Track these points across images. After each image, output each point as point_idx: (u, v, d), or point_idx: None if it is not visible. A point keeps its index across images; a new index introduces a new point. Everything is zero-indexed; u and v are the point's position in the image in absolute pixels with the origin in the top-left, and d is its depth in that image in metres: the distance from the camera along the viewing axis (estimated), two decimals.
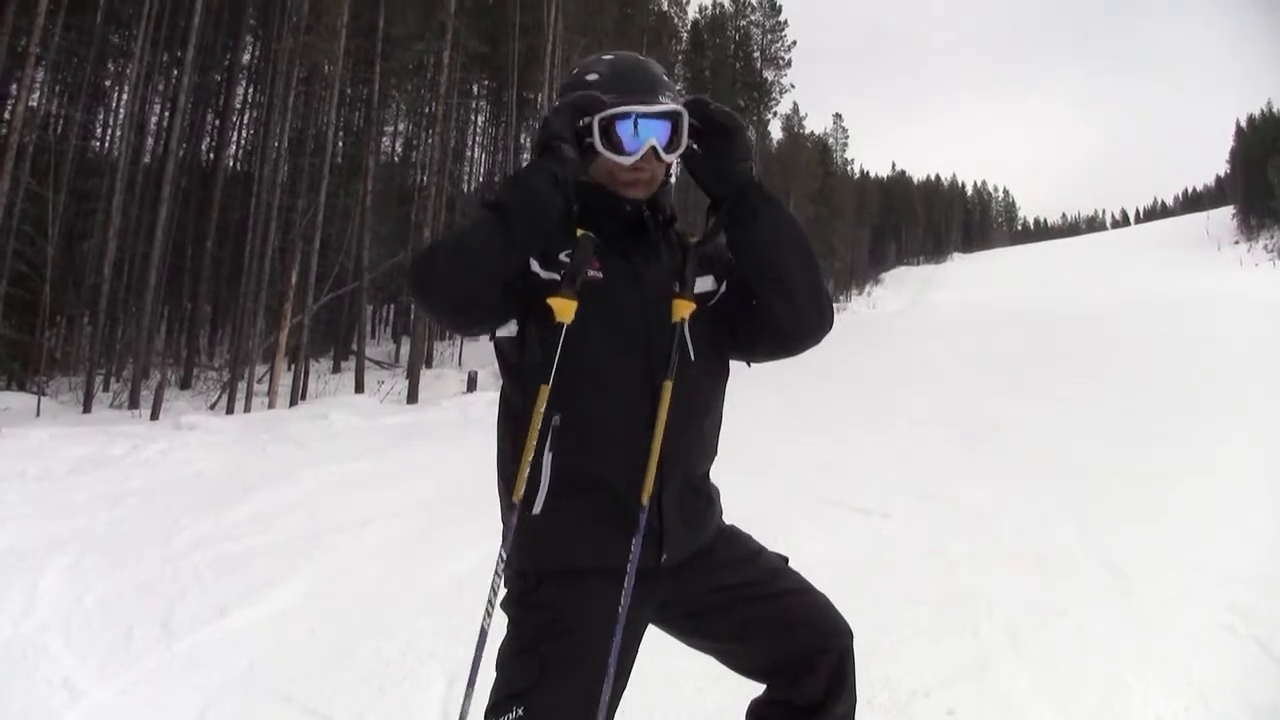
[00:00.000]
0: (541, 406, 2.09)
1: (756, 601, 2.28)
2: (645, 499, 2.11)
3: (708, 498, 2.37)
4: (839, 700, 2.28)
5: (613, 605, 2.12)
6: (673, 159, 2.22)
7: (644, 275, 2.22)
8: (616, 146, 2.17)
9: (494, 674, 2.14)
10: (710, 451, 2.38)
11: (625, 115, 2.17)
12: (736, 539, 2.44)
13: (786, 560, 2.42)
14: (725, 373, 2.39)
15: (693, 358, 2.23)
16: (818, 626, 2.30)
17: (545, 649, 2.07)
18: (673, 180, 2.39)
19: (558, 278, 2.10)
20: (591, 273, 2.14)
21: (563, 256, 2.14)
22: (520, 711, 1.99)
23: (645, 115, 2.17)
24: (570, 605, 2.12)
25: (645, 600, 2.21)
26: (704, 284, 2.32)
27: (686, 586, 2.25)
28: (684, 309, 2.16)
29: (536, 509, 2.15)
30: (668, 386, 2.13)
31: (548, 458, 2.13)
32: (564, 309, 2.02)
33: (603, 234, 2.21)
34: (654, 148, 2.16)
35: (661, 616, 2.31)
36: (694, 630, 2.35)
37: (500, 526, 2.26)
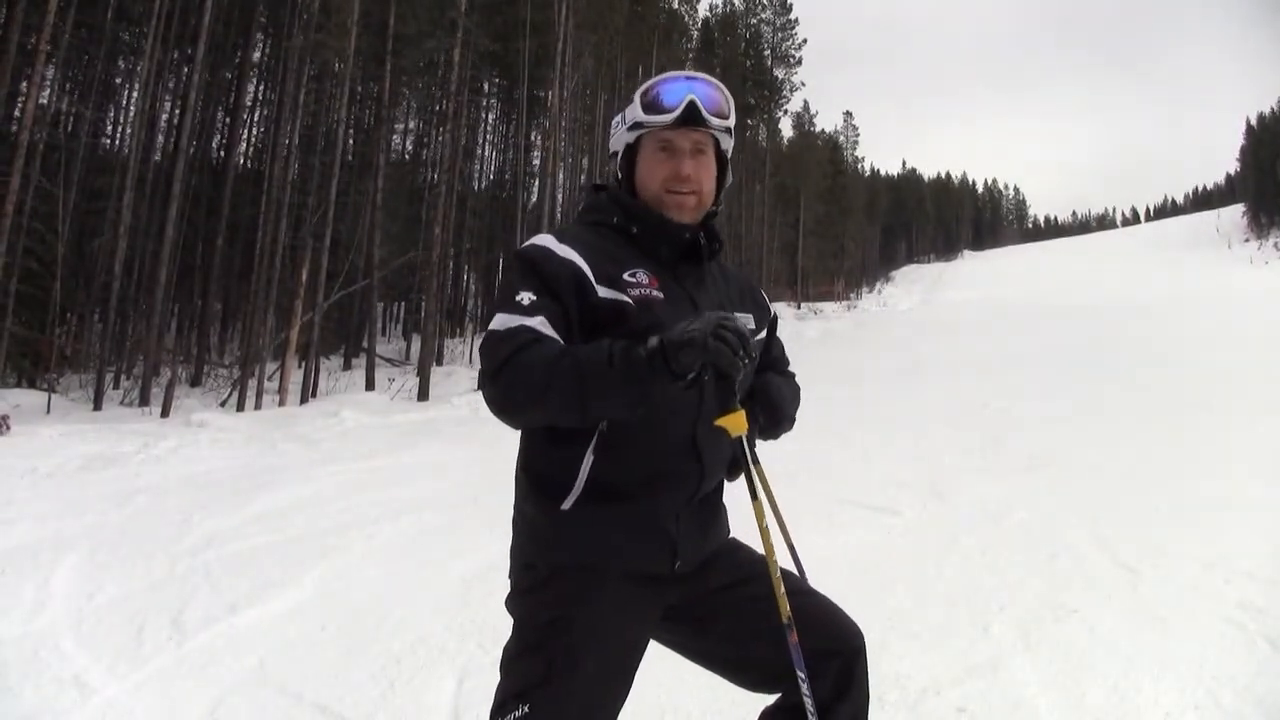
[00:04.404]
0: None
1: (763, 603, 2.26)
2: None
3: (716, 510, 2.42)
4: (847, 701, 2.27)
5: (623, 607, 2.15)
6: (716, 125, 2.27)
7: (699, 301, 2.26)
8: (658, 109, 2.24)
9: (497, 676, 2.15)
10: (726, 467, 2.41)
11: (662, 82, 2.27)
12: (741, 546, 2.46)
13: (789, 570, 2.43)
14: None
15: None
16: (825, 629, 2.29)
17: (552, 648, 2.07)
18: (719, 209, 2.43)
19: (623, 298, 2.13)
20: (654, 292, 2.17)
21: (626, 276, 2.16)
22: (525, 709, 1.99)
23: (678, 78, 2.28)
24: (579, 604, 2.12)
25: (653, 605, 2.23)
26: (744, 321, 2.36)
27: (693, 589, 2.25)
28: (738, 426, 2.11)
29: (565, 505, 2.14)
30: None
31: (588, 459, 2.12)
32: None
33: (659, 256, 2.27)
34: (695, 103, 2.21)
35: (666, 626, 2.31)
36: (699, 634, 2.34)
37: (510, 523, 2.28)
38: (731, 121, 2.31)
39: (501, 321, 2.02)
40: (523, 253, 2.19)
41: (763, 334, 2.50)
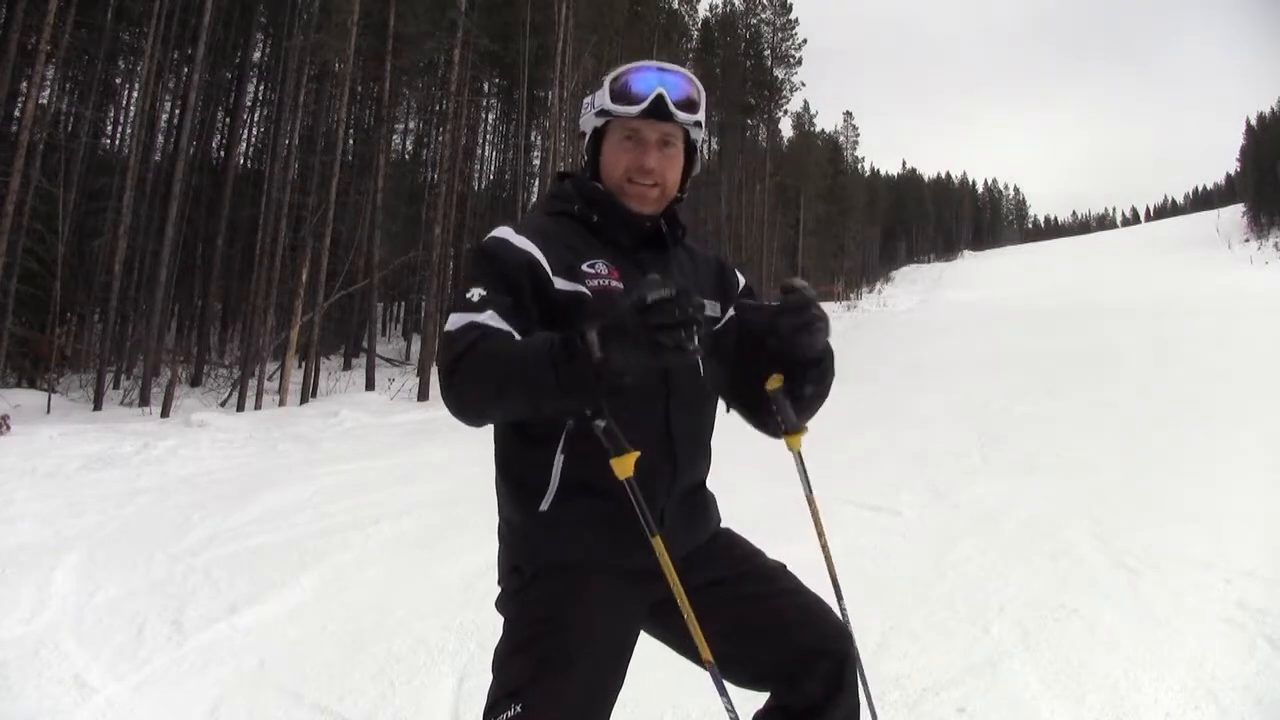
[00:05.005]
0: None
1: (752, 601, 2.26)
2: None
3: (704, 502, 2.40)
4: (837, 704, 2.26)
5: (611, 603, 2.14)
6: (684, 119, 2.24)
7: None
8: (626, 99, 2.21)
9: (491, 676, 2.14)
10: (709, 459, 2.42)
11: (633, 71, 2.24)
12: (734, 540, 2.46)
13: (784, 566, 2.42)
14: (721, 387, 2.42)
15: (701, 373, 2.28)
16: (815, 629, 2.29)
17: (542, 646, 2.06)
18: (685, 196, 2.41)
19: (581, 289, 2.13)
20: (613, 283, 2.16)
21: (585, 267, 2.16)
22: (518, 709, 1.97)
23: (650, 68, 2.24)
24: (566, 603, 2.12)
25: (640, 601, 2.22)
26: (711, 309, 2.36)
27: (682, 583, 2.22)
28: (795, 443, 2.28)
29: (543, 506, 2.15)
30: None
31: (559, 459, 2.14)
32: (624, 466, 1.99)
33: (620, 244, 2.26)
34: (663, 96, 2.19)
35: (656, 620, 2.29)
36: (688, 631, 2.32)
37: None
38: (701, 115, 2.29)
39: (453, 321, 2.04)
40: (481, 245, 2.21)
41: (728, 316, 2.45)
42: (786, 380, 2.29)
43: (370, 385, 24.13)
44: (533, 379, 1.85)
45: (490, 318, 2.01)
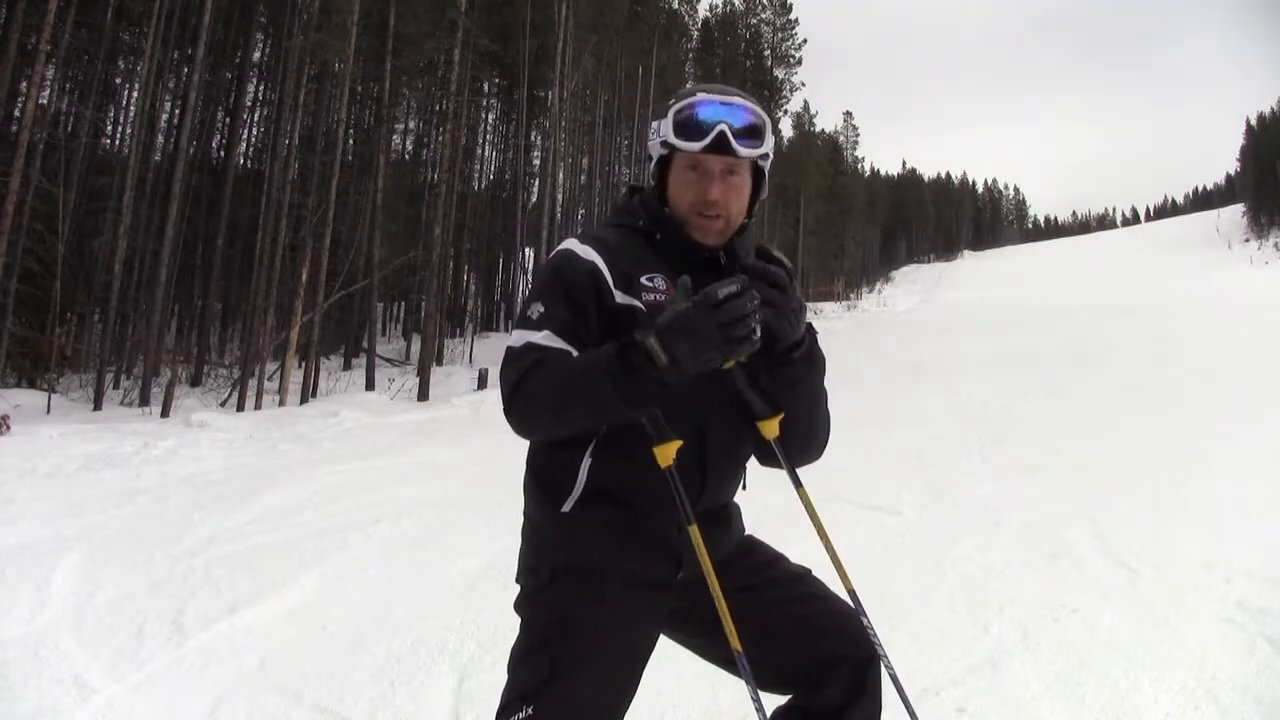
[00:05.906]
0: None
1: (775, 606, 2.26)
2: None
3: (727, 518, 2.38)
4: (857, 709, 2.27)
5: (626, 609, 2.14)
6: (748, 153, 2.16)
7: None
8: (688, 134, 2.15)
9: (505, 676, 2.13)
10: (739, 481, 2.40)
11: (695, 104, 2.16)
12: (755, 546, 2.45)
13: (808, 571, 2.42)
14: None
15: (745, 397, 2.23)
16: (840, 634, 2.29)
17: (554, 648, 2.05)
18: (750, 221, 2.35)
19: (636, 303, 2.11)
20: (667, 298, 2.12)
21: (644, 280, 2.14)
22: (529, 711, 1.97)
23: (712, 101, 2.16)
24: (581, 606, 2.11)
25: (658, 607, 2.22)
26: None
27: (702, 594, 2.13)
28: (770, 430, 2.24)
29: (565, 507, 2.15)
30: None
31: (586, 462, 2.13)
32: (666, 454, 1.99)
33: (678, 266, 2.20)
34: (725, 132, 2.11)
35: (676, 626, 2.29)
36: (711, 634, 2.22)
37: (516, 525, 2.27)
38: (767, 145, 2.20)
39: (514, 339, 2.07)
40: (549, 259, 2.21)
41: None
42: (769, 366, 2.23)
43: (370, 385, 24.13)
44: (592, 396, 1.89)
45: (547, 337, 2.02)
